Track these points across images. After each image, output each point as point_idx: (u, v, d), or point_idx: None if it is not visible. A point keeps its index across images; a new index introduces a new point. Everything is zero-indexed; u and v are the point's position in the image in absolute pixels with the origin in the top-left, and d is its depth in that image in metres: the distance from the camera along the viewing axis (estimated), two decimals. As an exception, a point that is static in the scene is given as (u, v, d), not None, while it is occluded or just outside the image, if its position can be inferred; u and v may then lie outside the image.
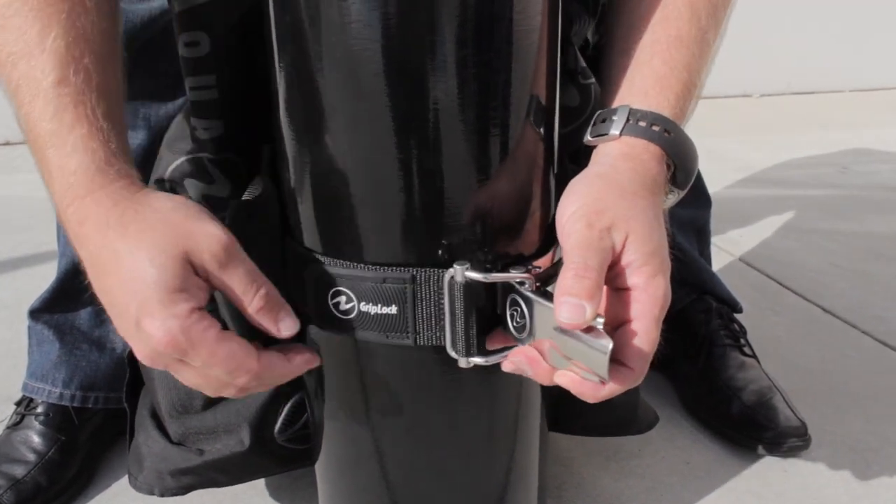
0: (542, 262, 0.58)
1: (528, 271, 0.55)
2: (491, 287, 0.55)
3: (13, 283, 1.57)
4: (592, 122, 0.60)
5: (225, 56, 0.61)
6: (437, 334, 0.56)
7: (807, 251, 1.68)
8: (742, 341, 1.11)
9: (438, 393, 0.61)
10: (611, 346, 0.48)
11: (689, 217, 1.16)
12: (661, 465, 0.97)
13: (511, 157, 0.56)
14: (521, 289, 0.53)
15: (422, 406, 0.62)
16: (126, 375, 0.79)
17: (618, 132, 0.57)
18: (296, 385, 0.71)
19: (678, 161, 0.58)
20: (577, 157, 0.64)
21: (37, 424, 0.93)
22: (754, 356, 1.11)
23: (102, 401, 0.96)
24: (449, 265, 0.54)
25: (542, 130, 0.58)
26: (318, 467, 0.70)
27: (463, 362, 0.56)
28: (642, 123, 0.57)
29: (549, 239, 0.60)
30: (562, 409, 0.76)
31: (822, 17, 3.41)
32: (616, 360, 0.51)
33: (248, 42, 0.61)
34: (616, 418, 0.84)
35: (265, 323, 0.54)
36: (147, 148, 0.89)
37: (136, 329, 0.50)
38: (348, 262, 0.56)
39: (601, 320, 0.49)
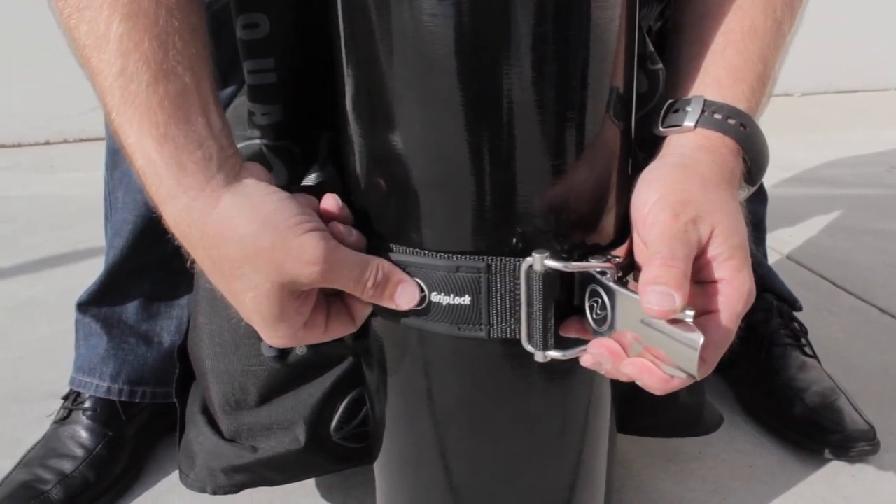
0: (619, 253, 0.55)
1: (607, 261, 0.52)
2: (569, 277, 0.52)
3: (53, 281, 1.57)
4: (663, 112, 0.58)
5: (284, 38, 0.59)
6: (512, 327, 0.53)
7: (858, 251, 1.63)
8: (803, 341, 1.07)
9: (509, 388, 0.58)
10: (702, 340, 0.45)
11: (747, 212, 1.12)
12: (723, 469, 0.94)
13: (589, 142, 0.53)
14: (603, 279, 0.51)
15: (491, 402, 0.59)
16: (175, 371, 0.78)
17: (692, 124, 0.55)
18: (353, 381, 0.69)
19: (752, 156, 0.56)
20: (642, 145, 0.62)
21: (84, 419, 0.92)
22: (815, 356, 1.07)
23: (150, 395, 0.95)
24: (525, 254, 0.52)
25: (620, 116, 0.55)
26: (378, 466, 0.68)
27: (539, 356, 0.53)
28: (718, 116, 0.55)
29: (624, 229, 0.57)
30: (624, 408, 0.74)
31: (865, 13, 3.34)
32: None
33: (308, 23, 0.59)
34: (681, 419, 0.81)
35: (383, 304, 0.55)
36: None
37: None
38: (419, 251, 0.54)
39: (691, 313, 0.46)
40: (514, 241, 0.53)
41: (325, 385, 0.69)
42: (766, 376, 1.04)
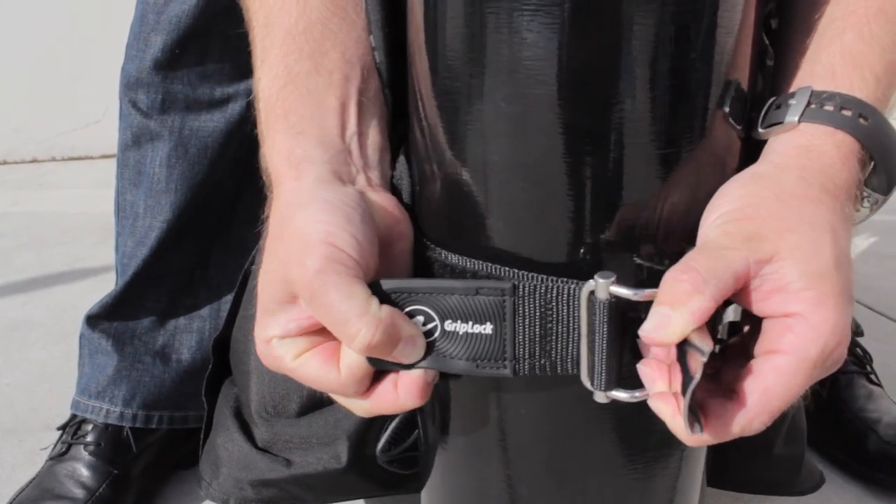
0: None
1: None
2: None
3: (46, 301, 1.48)
4: (764, 111, 0.48)
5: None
6: (542, 362, 0.45)
7: (891, 277, 1.57)
8: (868, 368, 1.00)
9: (587, 426, 0.50)
10: (692, 384, 0.37)
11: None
12: (797, 508, 0.85)
13: (686, 152, 0.44)
14: None
15: (567, 439, 0.51)
16: (209, 366, 0.70)
17: (796, 119, 0.45)
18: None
19: (878, 155, 0.45)
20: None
21: (86, 455, 0.82)
22: (880, 384, 1.00)
23: (167, 420, 0.85)
24: (582, 274, 0.43)
25: (738, 117, 0.47)
26: (426, 496, 0.60)
27: (600, 397, 0.45)
28: (828, 107, 0.45)
29: None
30: (714, 459, 0.64)
31: None
32: (730, 390, 0.40)
33: None
34: (775, 475, 0.72)
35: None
36: (225, 131, 0.81)
37: None
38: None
39: (707, 348, 0.37)
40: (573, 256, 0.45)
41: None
42: (832, 407, 0.97)
